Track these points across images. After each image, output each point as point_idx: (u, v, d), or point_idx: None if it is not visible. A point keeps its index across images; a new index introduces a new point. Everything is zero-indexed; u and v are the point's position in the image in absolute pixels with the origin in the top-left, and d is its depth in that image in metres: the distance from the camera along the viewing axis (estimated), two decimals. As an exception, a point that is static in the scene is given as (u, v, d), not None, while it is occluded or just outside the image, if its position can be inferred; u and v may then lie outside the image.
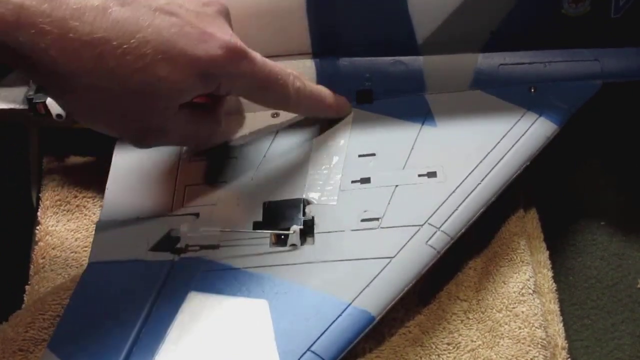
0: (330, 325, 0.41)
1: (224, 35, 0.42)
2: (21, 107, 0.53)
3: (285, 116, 0.52)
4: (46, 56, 0.38)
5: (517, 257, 0.48)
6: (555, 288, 0.48)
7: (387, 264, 0.43)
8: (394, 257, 0.43)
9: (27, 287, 0.50)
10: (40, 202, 0.55)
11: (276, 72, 0.46)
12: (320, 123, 0.52)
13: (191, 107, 0.44)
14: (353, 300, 0.42)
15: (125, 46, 0.39)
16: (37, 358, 0.44)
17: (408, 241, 0.44)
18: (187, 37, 0.41)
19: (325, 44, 0.52)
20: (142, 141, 0.44)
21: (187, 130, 0.45)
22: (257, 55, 0.44)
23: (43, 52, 0.38)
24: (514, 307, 0.45)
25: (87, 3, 0.38)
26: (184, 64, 0.41)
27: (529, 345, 0.43)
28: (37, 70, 0.39)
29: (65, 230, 0.52)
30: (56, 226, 0.53)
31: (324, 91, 0.50)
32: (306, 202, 0.47)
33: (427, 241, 0.44)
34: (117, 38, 0.39)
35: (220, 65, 0.42)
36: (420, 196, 0.46)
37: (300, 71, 0.51)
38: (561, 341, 0.45)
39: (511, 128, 0.49)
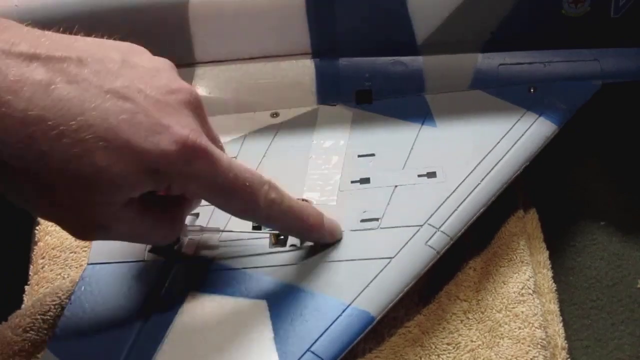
0: (329, 326, 0.41)
1: (181, 129, 0.37)
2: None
3: (285, 116, 0.52)
4: None
5: (516, 257, 0.48)
6: (555, 288, 0.47)
7: (386, 265, 0.43)
8: (393, 257, 0.43)
9: (26, 287, 0.50)
10: (40, 202, 0.54)
11: (244, 178, 0.40)
12: (320, 123, 0.52)
13: (145, 202, 0.39)
14: (353, 301, 0.42)
15: (62, 127, 0.34)
16: (37, 359, 0.44)
17: (408, 241, 0.44)
18: (137, 127, 0.36)
19: (324, 44, 0.52)
20: (81, 236, 0.40)
21: (135, 228, 0.40)
22: (222, 156, 0.39)
23: None
24: (513, 307, 0.45)
25: (28, 76, 0.34)
26: (129, 156, 0.36)
27: (529, 346, 0.43)
28: None
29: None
30: (56, 226, 0.52)
31: (308, 210, 0.44)
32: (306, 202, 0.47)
33: (426, 241, 0.44)
34: (54, 118, 0.34)
35: (171, 162, 0.37)
36: (420, 196, 0.46)
37: (300, 71, 0.51)
38: (561, 341, 0.45)
39: (511, 128, 0.49)
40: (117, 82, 0.37)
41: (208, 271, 0.45)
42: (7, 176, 0.35)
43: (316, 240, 0.45)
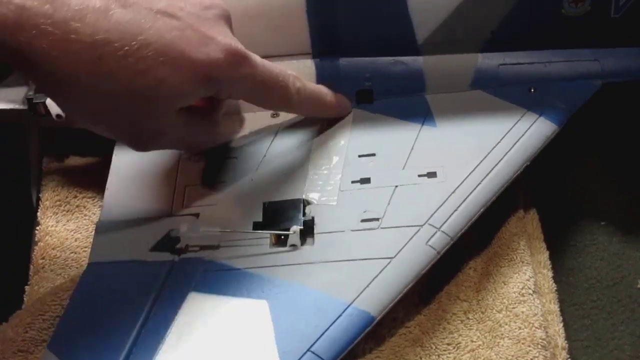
0: (330, 326, 0.41)
1: (224, 38, 0.42)
2: (21, 107, 0.53)
3: (285, 116, 0.52)
4: (47, 57, 0.38)
5: (517, 257, 0.48)
6: (555, 288, 0.47)
7: (387, 265, 0.43)
8: (394, 257, 0.43)
9: (26, 287, 0.50)
10: (40, 202, 0.54)
11: (276, 73, 0.46)
12: (320, 123, 0.52)
13: (189, 109, 0.44)
14: (353, 301, 0.42)
15: (126, 48, 0.39)
16: (37, 358, 0.44)
17: (408, 241, 0.44)
18: (188, 40, 0.41)
19: (325, 44, 0.52)
20: (140, 144, 0.44)
21: (185, 133, 0.45)
22: (257, 58, 0.44)
23: (44, 52, 0.37)
24: (514, 308, 0.45)
25: (88, 4, 0.38)
26: (185, 67, 0.40)
27: (529, 346, 0.43)
28: (37, 71, 0.39)
29: (65, 231, 0.52)
30: (56, 226, 0.53)
31: (323, 90, 0.50)
32: (306, 203, 0.47)
33: (427, 241, 0.44)
34: (118, 40, 0.38)
35: (221, 69, 0.42)
36: (420, 196, 0.46)
37: (300, 71, 0.51)
38: (561, 341, 0.45)
39: (511, 128, 0.49)
40: (162, 2, 0.41)
41: (208, 271, 0.45)
42: (78, 94, 0.40)
43: (335, 114, 0.51)
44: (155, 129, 0.43)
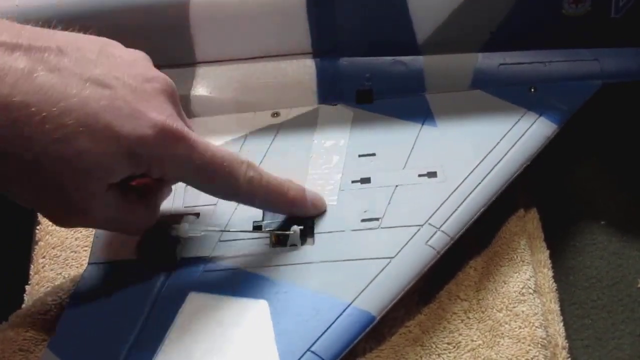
0: (330, 326, 0.41)
1: (158, 115, 0.39)
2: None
3: (286, 116, 0.52)
4: None
5: (517, 256, 0.48)
6: (555, 288, 0.47)
7: (387, 264, 0.43)
8: (394, 257, 0.43)
9: (27, 286, 0.50)
10: (40, 202, 0.54)
11: (221, 157, 0.42)
12: (321, 123, 0.52)
13: (119, 190, 0.41)
14: (353, 301, 0.42)
15: (44, 114, 0.36)
16: (37, 358, 0.44)
17: (408, 241, 0.44)
18: (116, 112, 0.38)
19: (325, 44, 0.52)
20: (61, 221, 0.41)
21: (114, 215, 0.41)
22: (198, 140, 0.41)
23: None
24: (514, 307, 0.45)
25: (12, 65, 0.36)
26: (108, 140, 0.38)
27: (529, 345, 0.43)
28: None
29: (65, 230, 0.52)
30: (56, 226, 0.53)
31: (287, 184, 0.45)
32: (306, 202, 0.47)
33: (427, 241, 0.44)
34: (37, 104, 0.36)
35: (149, 145, 0.39)
36: (421, 196, 0.46)
37: (300, 71, 0.51)
38: (561, 341, 0.45)
39: (511, 128, 0.49)
40: (96, 70, 0.38)
41: (208, 271, 0.45)
42: None
43: (301, 214, 0.46)
44: (77, 206, 0.39)
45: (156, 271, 0.45)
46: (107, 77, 0.38)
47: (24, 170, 0.37)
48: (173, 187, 0.49)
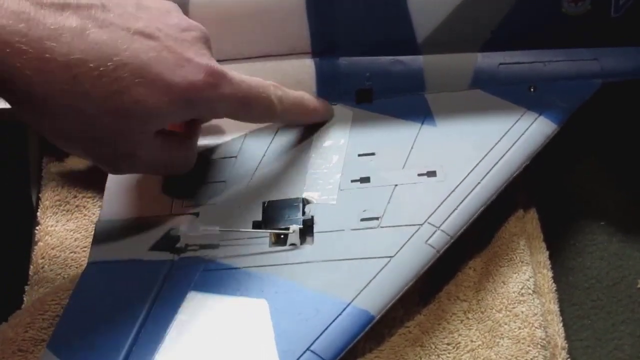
0: (329, 325, 0.41)
1: (202, 60, 0.42)
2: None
3: (285, 115, 0.52)
4: (21, 76, 0.37)
5: (516, 257, 0.48)
6: (555, 288, 0.47)
7: (386, 264, 0.43)
8: (393, 256, 0.43)
9: (26, 287, 0.50)
10: (40, 202, 0.54)
11: (256, 85, 0.45)
12: (320, 122, 0.52)
13: (165, 134, 0.44)
14: (353, 300, 0.42)
15: (101, 68, 0.38)
16: (37, 358, 0.44)
17: (408, 240, 0.44)
18: (164, 62, 0.40)
19: (324, 43, 0.52)
20: (114, 166, 0.43)
21: (160, 157, 0.44)
22: (235, 75, 0.44)
23: (18, 71, 0.37)
24: (513, 307, 0.45)
25: (64, 24, 0.38)
26: (161, 89, 0.40)
27: (529, 346, 0.43)
28: (11, 89, 0.38)
29: (65, 231, 0.52)
30: (56, 226, 0.53)
31: (305, 96, 0.50)
32: (306, 202, 0.47)
33: (426, 240, 0.44)
34: (94, 60, 0.38)
35: (199, 91, 0.42)
36: (420, 195, 0.46)
37: (299, 71, 0.51)
38: (561, 341, 0.45)
39: (511, 127, 0.49)
40: (139, 23, 0.41)
41: (208, 270, 0.45)
42: (52, 114, 0.39)
43: (319, 119, 0.51)
44: (131, 152, 0.42)
45: (156, 270, 0.45)
46: (150, 29, 0.41)
47: (85, 122, 0.40)
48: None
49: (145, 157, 0.43)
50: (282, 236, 0.45)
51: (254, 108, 0.46)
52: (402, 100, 0.52)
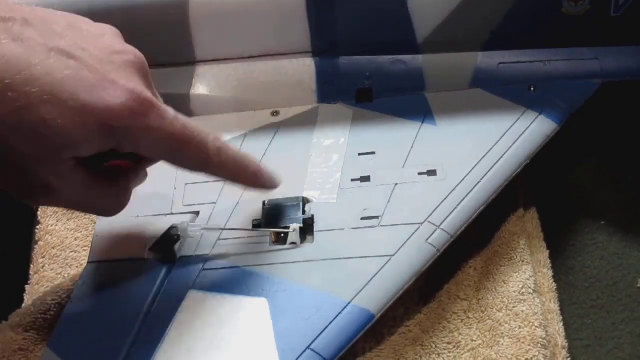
0: (330, 324, 0.41)
1: (127, 84, 0.37)
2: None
3: (285, 115, 0.52)
4: None
5: (517, 256, 0.48)
6: (555, 287, 0.47)
7: (387, 262, 0.43)
8: (393, 255, 0.43)
9: (27, 286, 0.50)
10: (40, 201, 0.54)
11: (193, 128, 0.40)
12: (320, 122, 0.52)
13: (91, 171, 0.39)
14: (353, 299, 0.42)
15: (7, 81, 0.34)
16: (37, 357, 0.44)
17: (408, 239, 0.44)
18: (81, 82, 0.36)
19: (325, 43, 0.52)
20: (26, 197, 0.39)
21: (83, 194, 0.40)
22: (168, 110, 0.39)
23: None
24: (514, 307, 0.45)
25: None
26: (74, 110, 0.36)
27: (529, 345, 0.43)
28: None
29: (65, 230, 0.52)
30: (56, 225, 0.53)
31: (250, 157, 0.44)
32: (306, 201, 0.47)
33: (427, 239, 0.44)
34: (0, 71, 0.35)
35: (118, 116, 0.37)
36: (420, 194, 0.46)
37: (300, 70, 0.51)
38: (561, 340, 0.45)
39: (511, 127, 0.49)
40: (62, 41, 0.37)
41: (208, 270, 0.45)
42: None
43: (261, 186, 0.45)
44: (45, 183, 0.38)
45: (156, 269, 0.45)
46: (73, 48, 0.37)
47: None
48: (173, 186, 0.49)
49: (64, 191, 0.39)
50: (282, 235, 0.45)
51: (185, 150, 0.40)
52: (402, 99, 0.52)
